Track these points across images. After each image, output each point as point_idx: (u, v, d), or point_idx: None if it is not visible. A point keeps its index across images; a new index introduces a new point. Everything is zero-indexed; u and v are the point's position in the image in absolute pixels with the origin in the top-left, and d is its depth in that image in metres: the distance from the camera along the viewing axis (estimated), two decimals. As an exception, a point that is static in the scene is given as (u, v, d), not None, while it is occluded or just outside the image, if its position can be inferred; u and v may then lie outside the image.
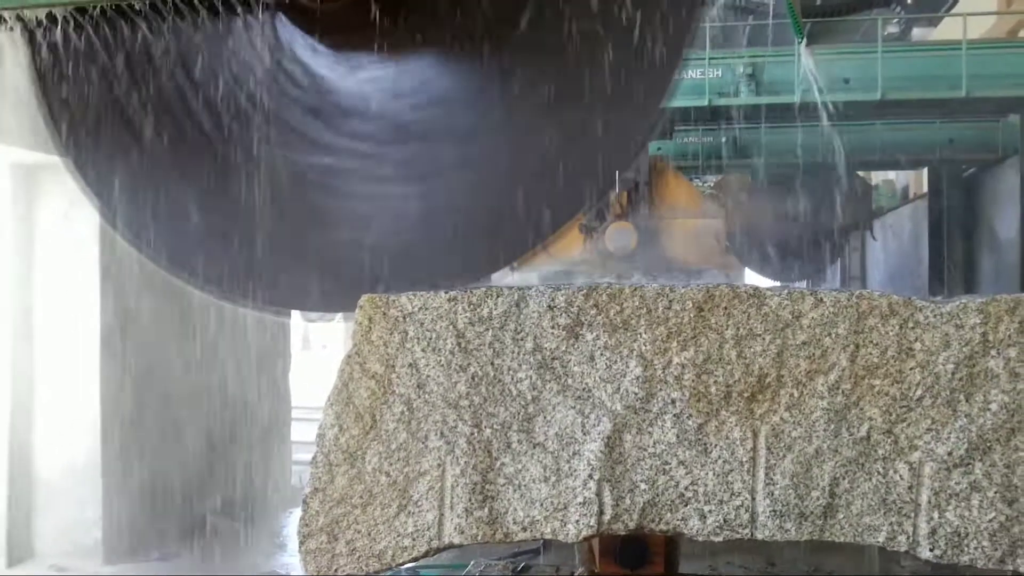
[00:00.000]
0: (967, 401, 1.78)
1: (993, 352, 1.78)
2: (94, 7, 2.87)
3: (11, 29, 2.90)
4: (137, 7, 2.89)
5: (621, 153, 3.07)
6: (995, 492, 1.76)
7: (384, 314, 1.96)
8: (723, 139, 13.20)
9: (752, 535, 1.82)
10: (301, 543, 1.97)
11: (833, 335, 1.82)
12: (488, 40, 3.00)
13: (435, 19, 3.06)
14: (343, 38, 3.13)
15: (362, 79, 3.21)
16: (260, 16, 3.07)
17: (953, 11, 14.59)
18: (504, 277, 3.12)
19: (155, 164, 3.16)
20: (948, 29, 14.32)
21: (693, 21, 2.82)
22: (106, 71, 3.12)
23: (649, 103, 2.90)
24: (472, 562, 2.90)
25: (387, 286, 2.05)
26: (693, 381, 1.85)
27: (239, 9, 2.94)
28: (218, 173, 3.15)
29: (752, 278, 14.02)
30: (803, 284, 12.77)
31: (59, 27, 2.91)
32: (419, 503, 1.92)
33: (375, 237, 3.08)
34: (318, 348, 21.90)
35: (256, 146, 3.12)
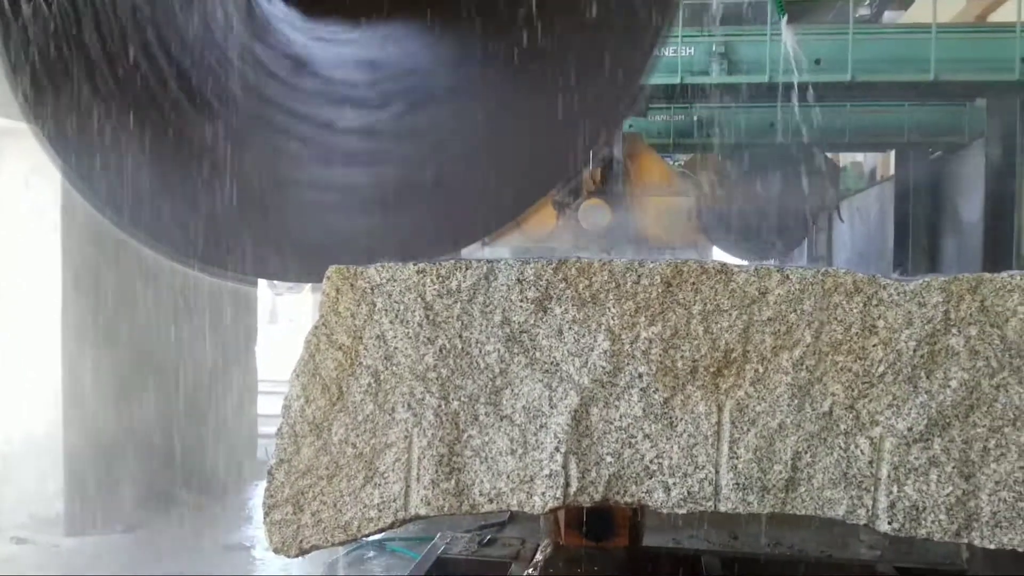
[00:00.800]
0: (928, 378, 1.81)
1: (954, 330, 1.80)
2: None
3: None
4: None
5: (599, 127, 3.05)
6: (953, 467, 1.79)
7: (352, 285, 1.95)
8: (694, 118, 13.24)
9: (715, 507, 1.84)
10: (266, 515, 1.96)
11: (799, 311, 1.83)
12: (468, 11, 2.96)
13: None
14: (318, 5, 3.08)
15: (336, 48, 3.16)
16: None
17: (924, -6, 14.69)
18: (475, 252, 3.12)
19: (124, 130, 3.10)
20: (918, 12, 14.44)
21: None
22: (75, 33, 3.04)
23: (628, 78, 2.89)
24: (439, 534, 2.91)
25: (356, 258, 2.03)
26: (660, 356, 1.86)
27: None
28: (189, 140, 3.09)
29: (720, 256, 14.13)
30: (771, 263, 12.88)
31: None
32: (385, 475, 1.92)
33: (346, 207, 3.05)
34: (285, 321, 21.76)
35: (228, 114, 3.07)
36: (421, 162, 3.03)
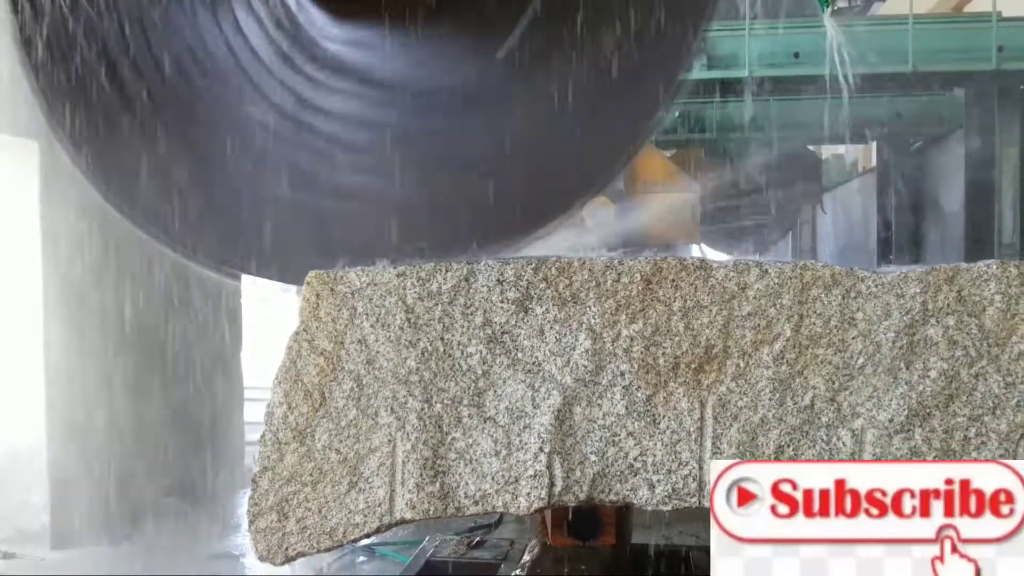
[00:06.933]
0: (907, 369, 1.82)
1: (932, 321, 1.82)
2: None
3: None
4: None
5: (631, 137, 3.01)
6: (934, 457, 1.80)
7: (332, 290, 1.94)
8: (675, 114, 13.26)
9: (700, 504, 1.85)
10: (251, 523, 1.96)
11: (778, 306, 1.84)
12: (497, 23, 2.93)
13: None
14: (350, 4, 3.05)
15: (366, 47, 3.13)
16: None
17: (900, -14, 14.78)
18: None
19: (140, 120, 3.05)
20: (895, 4, 14.54)
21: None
22: (94, 28, 3.01)
23: (658, 88, 2.87)
24: (427, 537, 2.91)
25: (369, 262, 2.00)
26: (642, 353, 1.87)
27: None
28: (204, 132, 3.06)
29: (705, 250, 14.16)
30: (753, 257, 12.91)
31: None
32: (370, 479, 1.91)
33: (360, 210, 3.02)
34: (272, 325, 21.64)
35: (244, 106, 3.04)
36: (443, 170, 3.00)
